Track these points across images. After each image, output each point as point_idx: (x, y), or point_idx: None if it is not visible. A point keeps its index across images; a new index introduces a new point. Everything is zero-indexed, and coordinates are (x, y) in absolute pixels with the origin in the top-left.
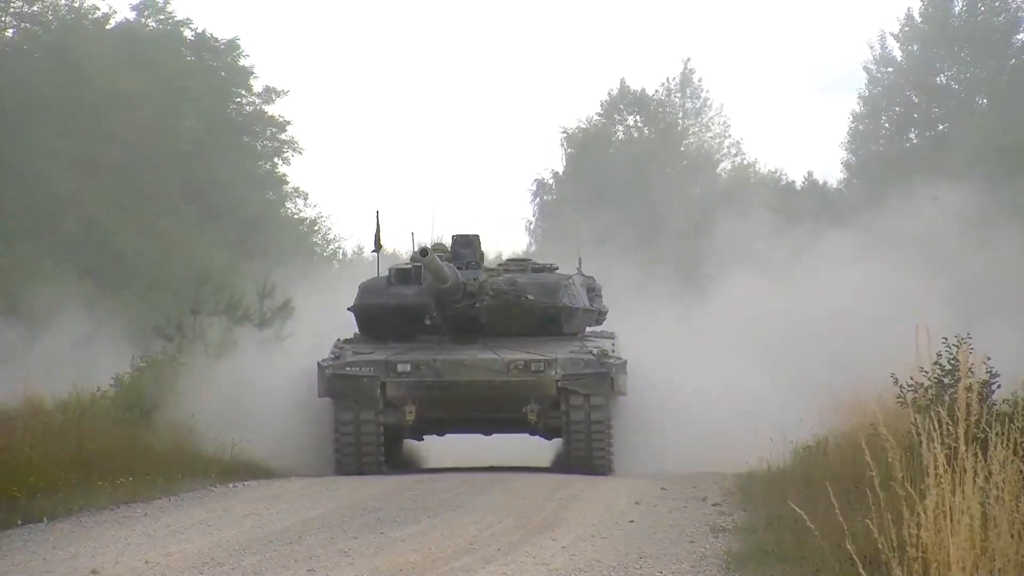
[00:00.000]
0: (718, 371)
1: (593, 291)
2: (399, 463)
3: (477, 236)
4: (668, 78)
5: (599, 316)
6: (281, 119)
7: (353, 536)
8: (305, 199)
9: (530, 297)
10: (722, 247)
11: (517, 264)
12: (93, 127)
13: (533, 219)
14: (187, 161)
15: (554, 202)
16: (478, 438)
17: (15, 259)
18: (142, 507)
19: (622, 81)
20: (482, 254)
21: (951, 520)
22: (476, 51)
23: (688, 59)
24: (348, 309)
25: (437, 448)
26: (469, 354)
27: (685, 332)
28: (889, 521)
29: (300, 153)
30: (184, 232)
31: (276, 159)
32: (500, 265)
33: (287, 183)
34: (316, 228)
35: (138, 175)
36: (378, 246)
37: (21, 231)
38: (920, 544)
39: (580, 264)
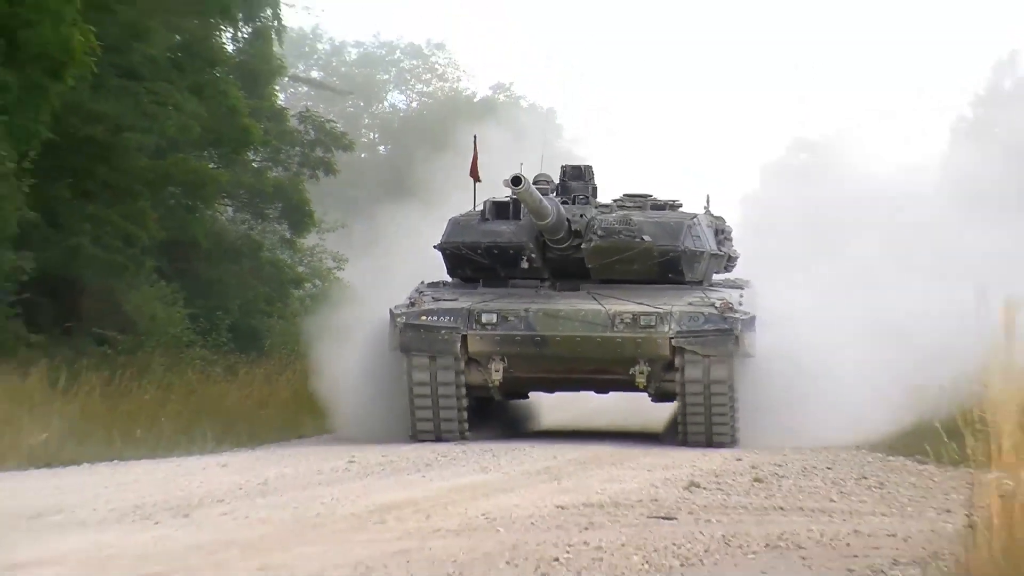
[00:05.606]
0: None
1: (722, 233)
2: (507, 422)
3: (590, 167)
4: None
5: (728, 263)
6: None
7: None
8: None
9: (646, 238)
10: None
11: (634, 200)
12: None
13: None
14: None
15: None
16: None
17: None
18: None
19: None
20: (595, 188)
21: None
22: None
23: None
24: (435, 247)
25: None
26: (568, 304)
27: None
28: None
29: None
30: None
31: None
32: (615, 201)
33: None
34: None
35: None
36: (475, 176)
37: None
38: None
39: (708, 203)
